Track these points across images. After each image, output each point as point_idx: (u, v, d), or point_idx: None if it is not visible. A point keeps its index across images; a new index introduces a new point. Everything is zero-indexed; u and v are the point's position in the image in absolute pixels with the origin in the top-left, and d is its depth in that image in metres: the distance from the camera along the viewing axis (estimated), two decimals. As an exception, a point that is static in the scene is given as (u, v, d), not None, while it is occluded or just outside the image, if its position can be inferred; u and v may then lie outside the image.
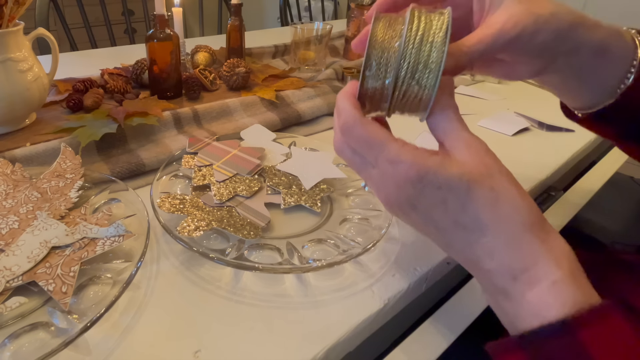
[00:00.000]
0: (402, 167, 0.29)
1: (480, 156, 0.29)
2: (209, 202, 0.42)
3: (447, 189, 0.28)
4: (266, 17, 3.18)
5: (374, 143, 0.30)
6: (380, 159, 0.29)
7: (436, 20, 0.28)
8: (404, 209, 0.30)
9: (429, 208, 0.29)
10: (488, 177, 0.28)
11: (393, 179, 0.29)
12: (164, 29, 0.65)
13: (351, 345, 0.34)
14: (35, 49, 0.61)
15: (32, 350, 0.28)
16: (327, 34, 0.89)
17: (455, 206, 0.29)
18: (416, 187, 0.29)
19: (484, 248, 0.29)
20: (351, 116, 0.30)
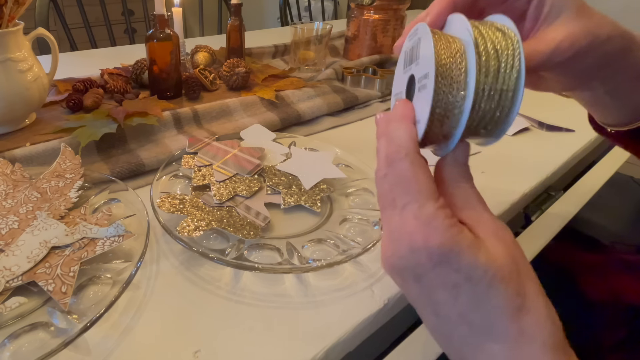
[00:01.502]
0: (426, 231, 0.24)
1: (510, 249, 0.25)
2: (209, 202, 0.42)
3: (465, 276, 0.24)
4: (266, 17, 3.18)
5: (413, 189, 0.25)
6: (408, 208, 0.25)
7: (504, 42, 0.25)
8: (404, 275, 0.26)
9: (435, 288, 0.25)
10: (516, 277, 0.24)
11: (409, 238, 0.25)
12: (164, 29, 0.65)
13: (351, 345, 0.34)
14: (35, 49, 0.61)
15: (32, 350, 0.28)
16: (327, 34, 0.89)
17: (467, 298, 0.24)
18: (431, 259, 0.24)
19: (489, 356, 0.24)
20: (404, 147, 0.26)
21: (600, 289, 0.52)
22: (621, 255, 0.62)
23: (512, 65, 0.25)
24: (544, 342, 0.23)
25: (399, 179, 0.26)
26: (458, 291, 0.24)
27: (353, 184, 0.49)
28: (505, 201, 0.50)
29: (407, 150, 0.26)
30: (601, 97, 0.36)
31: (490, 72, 0.24)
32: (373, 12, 0.94)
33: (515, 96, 0.25)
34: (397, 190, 0.26)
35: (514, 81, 0.24)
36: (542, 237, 0.49)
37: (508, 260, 0.24)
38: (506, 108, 0.25)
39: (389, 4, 0.93)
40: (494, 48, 0.25)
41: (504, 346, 0.24)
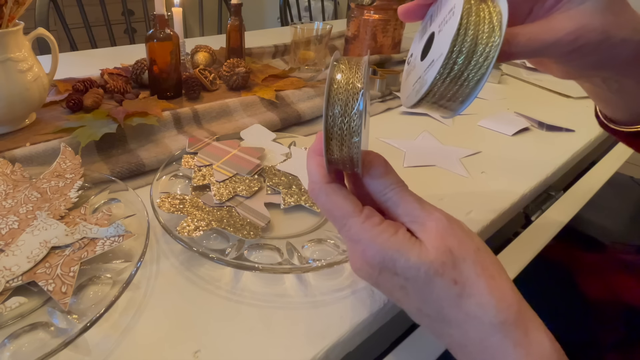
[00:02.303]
0: (360, 247, 0.27)
1: (444, 240, 0.26)
2: (209, 202, 0.42)
3: (404, 278, 0.26)
4: (266, 17, 3.18)
5: (337, 216, 0.28)
6: (342, 233, 0.28)
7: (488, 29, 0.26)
8: (369, 281, 0.29)
9: (390, 290, 0.28)
10: (451, 268, 0.26)
11: (354, 255, 0.28)
12: (164, 29, 0.65)
13: (351, 345, 0.34)
14: (35, 49, 0.61)
15: (32, 350, 0.28)
16: (327, 34, 0.89)
17: (415, 295, 0.27)
18: (374, 269, 0.27)
19: (453, 340, 0.26)
20: (316, 183, 0.29)
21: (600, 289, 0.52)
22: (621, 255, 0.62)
23: (486, 57, 0.25)
24: (490, 322, 0.25)
25: (325, 210, 0.29)
26: (406, 290, 0.27)
27: (353, 184, 0.49)
28: (505, 201, 0.50)
29: (319, 185, 0.29)
30: (604, 92, 0.35)
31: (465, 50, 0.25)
32: (373, 12, 0.94)
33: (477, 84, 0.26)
34: (330, 218, 0.29)
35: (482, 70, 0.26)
36: (542, 237, 0.49)
37: (440, 253, 0.26)
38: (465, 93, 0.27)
39: (389, 4, 0.93)
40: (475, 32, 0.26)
41: (458, 330, 0.26)
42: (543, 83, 0.93)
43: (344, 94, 0.26)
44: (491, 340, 0.25)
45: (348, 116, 0.26)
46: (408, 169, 0.56)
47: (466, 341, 0.26)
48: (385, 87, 0.80)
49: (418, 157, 0.59)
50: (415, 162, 0.58)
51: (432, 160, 0.58)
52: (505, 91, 0.89)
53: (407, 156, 0.59)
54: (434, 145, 0.63)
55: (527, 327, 0.25)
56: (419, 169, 0.57)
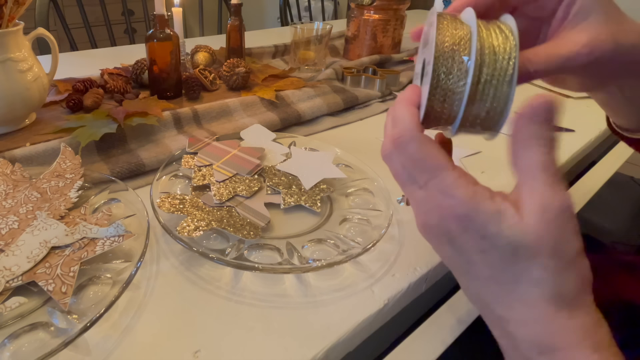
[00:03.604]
0: (452, 202, 0.26)
1: (550, 227, 0.25)
2: (209, 202, 0.42)
3: (491, 243, 0.26)
4: (266, 17, 3.18)
5: (429, 166, 0.27)
6: (431, 184, 0.27)
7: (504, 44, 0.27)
8: (440, 239, 0.28)
9: (466, 251, 0.27)
10: (547, 256, 0.25)
11: (438, 209, 0.27)
12: (164, 29, 0.65)
13: (351, 345, 0.34)
14: (35, 49, 0.61)
15: (32, 350, 0.28)
16: (327, 34, 0.89)
17: (495, 261, 0.26)
18: (459, 226, 0.26)
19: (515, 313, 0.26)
20: (409, 130, 0.27)
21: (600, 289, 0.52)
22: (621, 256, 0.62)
23: (507, 69, 0.26)
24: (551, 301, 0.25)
25: (412, 159, 0.28)
26: (486, 255, 0.26)
27: (353, 184, 0.49)
28: (505, 201, 0.50)
29: (412, 132, 0.27)
30: (618, 101, 0.36)
31: (487, 65, 0.26)
32: (373, 12, 0.94)
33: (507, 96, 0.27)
34: (414, 169, 0.28)
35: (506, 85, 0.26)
36: (542, 237, 0.49)
37: (542, 234, 0.25)
38: (500, 105, 0.27)
39: (389, 4, 0.93)
40: (492, 46, 0.26)
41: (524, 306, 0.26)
42: (543, 83, 0.93)
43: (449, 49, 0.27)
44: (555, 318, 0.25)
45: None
46: (408, 169, 0.56)
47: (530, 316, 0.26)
48: (385, 87, 0.80)
49: (418, 157, 0.59)
50: (415, 162, 0.58)
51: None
52: (505, 91, 0.89)
53: (407, 156, 0.59)
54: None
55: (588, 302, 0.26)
56: (419, 169, 0.56)
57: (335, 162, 0.51)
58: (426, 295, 0.41)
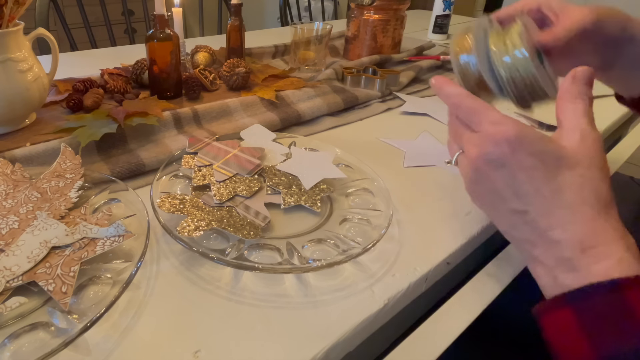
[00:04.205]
0: (504, 127, 0.32)
1: (588, 147, 0.32)
2: (209, 202, 0.42)
3: (538, 158, 0.31)
4: (266, 17, 3.18)
5: (480, 109, 0.34)
6: (484, 121, 0.34)
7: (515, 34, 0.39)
8: (491, 165, 0.33)
9: (516, 170, 0.32)
10: (585, 167, 0.31)
11: (492, 137, 0.32)
12: (164, 29, 0.65)
13: (351, 345, 0.34)
14: (35, 49, 0.61)
15: (32, 350, 0.28)
16: (327, 34, 0.89)
17: (541, 175, 0.31)
18: (511, 146, 0.32)
19: (559, 219, 0.31)
20: (458, 93, 0.36)
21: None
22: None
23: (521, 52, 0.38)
24: (598, 207, 0.31)
25: (467, 109, 0.36)
26: (533, 171, 0.31)
27: (353, 184, 0.49)
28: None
29: (463, 95, 0.36)
30: (631, 71, 0.47)
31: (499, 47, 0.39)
32: (373, 12, 0.94)
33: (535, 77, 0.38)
34: (469, 116, 0.35)
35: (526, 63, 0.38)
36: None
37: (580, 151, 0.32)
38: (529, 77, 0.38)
39: (389, 4, 0.93)
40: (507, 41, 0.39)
41: (570, 210, 0.31)
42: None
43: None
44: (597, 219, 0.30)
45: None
46: (408, 169, 0.56)
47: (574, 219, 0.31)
48: (385, 87, 0.80)
49: (418, 157, 0.59)
50: (415, 162, 0.58)
51: (432, 160, 0.58)
52: (505, 91, 0.89)
53: (407, 156, 0.59)
54: (434, 145, 0.63)
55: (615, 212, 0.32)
56: (419, 169, 0.57)
57: (335, 162, 0.51)
58: (426, 295, 0.41)
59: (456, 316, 0.37)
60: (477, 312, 0.37)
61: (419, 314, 0.45)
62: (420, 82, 0.90)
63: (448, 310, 0.38)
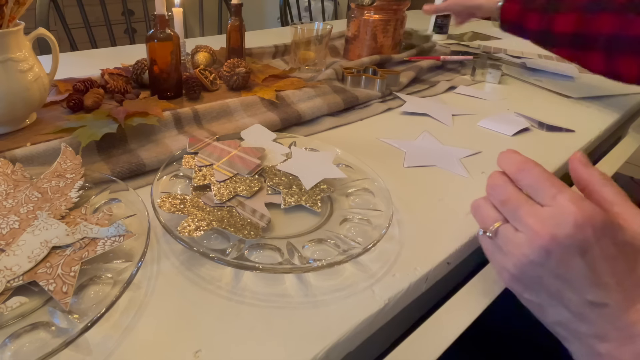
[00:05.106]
0: (589, 210, 0.29)
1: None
2: (210, 202, 0.42)
3: (620, 249, 0.29)
4: (266, 17, 3.18)
5: (556, 182, 0.31)
6: (561, 196, 0.30)
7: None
8: (570, 251, 0.29)
9: (598, 260, 0.29)
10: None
11: (574, 217, 0.29)
12: (164, 29, 0.65)
13: (351, 345, 0.34)
14: (36, 49, 0.61)
15: (33, 350, 0.28)
16: (327, 34, 0.89)
17: (623, 267, 0.29)
18: (595, 233, 0.29)
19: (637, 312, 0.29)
20: (529, 160, 0.33)
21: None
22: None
23: None
24: None
25: (537, 179, 0.32)
26: (616, 262, 0.29)
27: (353, 184, 0.49)
28: (505, 201, 0.50)
29: (532, 161, 0.33)
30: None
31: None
32: (373, 12, 0.94)
33: None
34: (542, 186, 0.31)
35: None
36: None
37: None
38: None
39: (389, 4, 0.93)
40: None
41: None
42: (543, 83, 0.93)
43: None
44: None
45: None
46: (408, 169, 0.56)
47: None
48: (386, 87, 0.80)
49: (418, 157, 0.59)
50: (415, 162, 0.58)
51: (432, 161, 0.58)
52: (505, 91, 0.89)
53: (407, 156, 0.59)
54: (434, 146, 0.63)
55: None
56: (419, 169, 0.57)
57: (335, 162, 0.51)
58: (426, 295, 0.41)
59: (456, 316, 0.37)
60: (477, 312, 0.37)
61: (419, 314, 0.45)
62: (420, 82, 0.90)
63: (448, 310, 0.38)
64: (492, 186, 0.35)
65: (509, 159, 0.34)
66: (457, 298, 0.39)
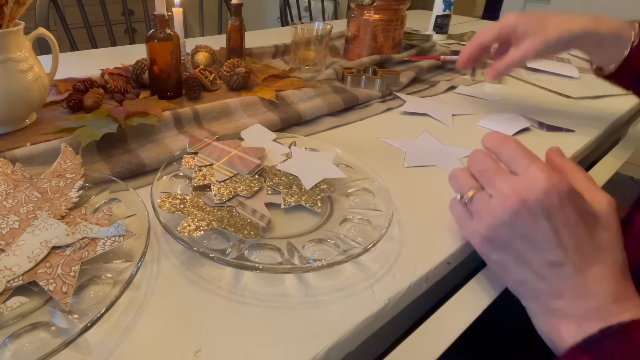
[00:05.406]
0: (556, 178, 0.32)
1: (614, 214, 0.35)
2: (210, 202, 0.42)
3: (581, 215, 0.32)
4: (266, 17, 3.18)
5: (529, 154, 0.34)
6: (533, 167, 0.33)
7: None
8: (537, 214, 0.32)
9: (561, 223, 0.32)
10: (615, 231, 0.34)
11: (543, 183, 0.32)
12: (164, 29, 0.65)
13: (351, 345, 0.34)
14: (36, 49, 0.61)
15: (33, 350, 0.28)
16: (327, 34, 0.89)
17: (581, 233, 0.33)
18: (561, 199, 0.32)
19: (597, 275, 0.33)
20: (507, 136, 0.37)
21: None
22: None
23: None
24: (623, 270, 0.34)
25: (514, 151, 0.35)
26: (575, 227, 0.32)
27: (353, 184, 0.49)
28: (505, 201, 0.50)
29: (511, 137, 0.36)
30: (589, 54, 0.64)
31: None
32: (373, 12, 0.94)
33: None
34: (516, 157, 0.35)
35: None
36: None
37: (611, 215, 0.34)
38: None
39: (389, 4, 0.93)
40: None
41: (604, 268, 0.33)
42: (543, 83, 0.93)
43: None
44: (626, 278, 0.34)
45: None
46: (408, 169, 0.56)
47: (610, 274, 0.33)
48: (386, 87, 0.80)
49: (418, 157, 0.59)
50: (415, 162, 0.58)
51: (432, 161, 0.58)
52: (505, 91, 0.89)
53: (407, 156, 0.59)
54: (434, 146, 0.63)
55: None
56: (419, 169, 0.57)
57: (335, 162, 0.51)
58: (426, 295, 0.41)
59: (456, 316, 0.37)
60: (477, 312, 0.37)
61: (419, 314, 0.45)
62: (420, 82, 0.90)
63: (448, 310, 0.38)
64: (473, 158, 0.38)
65: (491, 136, 0.38)
66: (457, 298, 0.39)
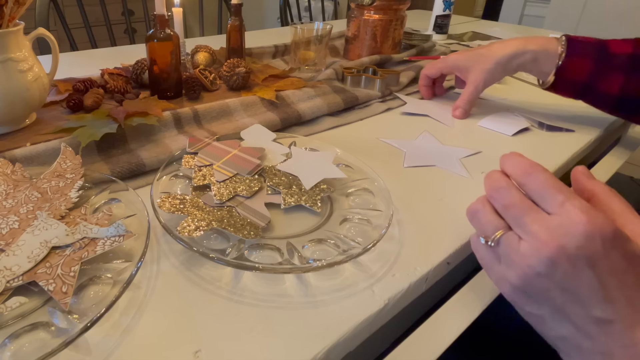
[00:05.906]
0: (600, 219, 0.27)
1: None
2: (209, 202, 0.42)
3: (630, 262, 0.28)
4: (266, 17, 3.18)
5: (564, 189, 0.29)
6: (569, 203, 0.28)
7: None
8: (578, 264, 0.28)
9: (607, 272, 0.27)
10: None
11: (583, 228, 0.27)
12: (164, 29, 0.65)
13: (351, 345, 0.34)
14: (36, 49, 0.61)
15: (33, 350, 0.28)
16: (327, 34, 0.89)
17: (632, 282, 0.28)
18: (605, 244, 0.27)
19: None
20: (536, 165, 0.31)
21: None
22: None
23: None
24: None
25: (544, 185, 0.30)
26: (625, 276, 0.28)
27: (353, 184, 0.49)
28: (505, 201, 0.50)
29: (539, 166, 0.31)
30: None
31: None
32: (373, 12, 0.94)
33: None
34: (548, 192, 0.29)
35: None
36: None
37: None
38: None
39: (389, 4, 0.93)
40: None
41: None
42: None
43: None
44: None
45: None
46: (408, 169, 0.56)
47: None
48: (385, 87, 0.80)
49: (418, 157, 0.59)
50: (415, 162, 0.58)
51: (432, 161, 0.58)
52: (505, 91, 0.89)
53: (407, 156, 0.59)
54: (434, 146, 0.63)
55: None
56: (419, 169, 0.57)
57: (335, 162, 0.51)
58: (426, 295, 0.41)
59: (456, 316, 0.37)
60: (477, 312, 0.37)
61: (419, 314, 0.45)
62: (420, 82, 0.90)
63: (448, 310, 0.38)
64: (495, 188, 0.32)
65: (514, 162, 0.32)
66: (457, 298, 0.39)
